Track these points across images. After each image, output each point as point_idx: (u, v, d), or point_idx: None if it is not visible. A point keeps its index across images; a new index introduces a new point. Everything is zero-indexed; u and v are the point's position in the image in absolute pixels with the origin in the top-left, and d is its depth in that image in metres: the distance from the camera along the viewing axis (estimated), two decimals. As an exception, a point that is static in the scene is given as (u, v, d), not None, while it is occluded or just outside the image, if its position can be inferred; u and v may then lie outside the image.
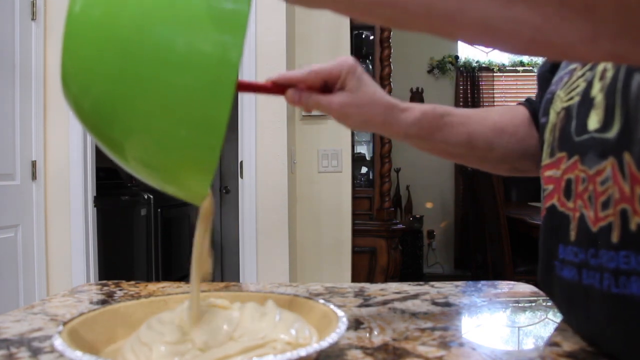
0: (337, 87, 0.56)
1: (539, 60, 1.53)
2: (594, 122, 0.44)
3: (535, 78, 0.67)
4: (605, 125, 0.43)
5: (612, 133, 0.42)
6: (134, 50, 0.32)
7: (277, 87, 0.56)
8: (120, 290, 0.76)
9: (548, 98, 0.54)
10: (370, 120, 0.58)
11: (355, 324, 0.57)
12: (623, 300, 0.40)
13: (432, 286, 0.76)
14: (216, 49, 0.31)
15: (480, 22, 0.26)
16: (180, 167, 0.35)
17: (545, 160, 0.52)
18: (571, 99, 0.49)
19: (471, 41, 0.29)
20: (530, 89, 5.08)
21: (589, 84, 0.46)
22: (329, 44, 2.46)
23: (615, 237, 0.41)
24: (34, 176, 2.20)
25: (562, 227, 0.48)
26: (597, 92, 0.45)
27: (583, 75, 0.48)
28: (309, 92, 0.56)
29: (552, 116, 0.52)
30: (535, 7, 0.24)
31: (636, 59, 0.27)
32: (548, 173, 0.52)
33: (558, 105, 0.51)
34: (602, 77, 0.45)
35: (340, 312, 0.47)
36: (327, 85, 0.56)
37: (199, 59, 0.31)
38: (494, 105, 5.09)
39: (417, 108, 0.61)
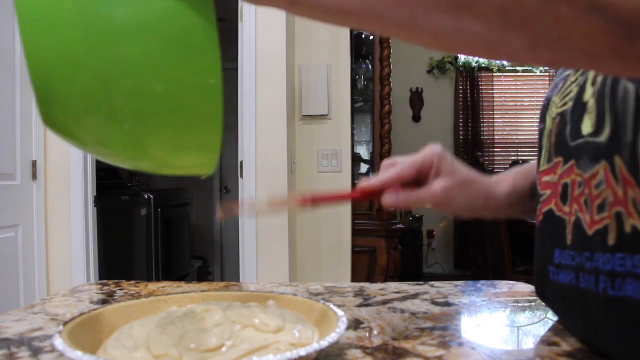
0: (432, 175, 0.55)
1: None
2: (587, 126, 0.45)
3: (534, 78, 0.68)
4: (598, 129, 0.43)
5: (604, 137, 0.42)
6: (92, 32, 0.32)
7: (364, 194, 0.54)
8: (120, 290, 0.76)
9: (545, 104, 0.55)
10: (474, 200, 0.57)
11: (355, 324, 0.57)
12: (619, 302, 0.40)
13: (432, 286, 0.76)
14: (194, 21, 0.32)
15: (433, 32, 0.28)
16: (189, 132, 0.36)
17: (543, 166, 0.53)
18: (565, 104, 0.49)
19: (431, 47, 0.30)
20: (529, 90, 5.08)
21: (582, 89, 0.47)
22: (329, 44, 2.46)
23: (611, 240, 0.41)
24: (34, 176, 2.20)
25: (558, 231, 0.48)
26: (589, 97, 0.45)
27: (576, 80, 0.49)
28: (403, 191, 0.54)
29: (549, 122, 0.52)
30: (481, 19, 0.26)
31: (577, 66, 0.28)
32: (545, 179, 0.52)
33: (553, 111, 0.52)
34: (594, 82, 0.45)
35: (340, 312, 0.47)
36: (420, 177, 0.55)
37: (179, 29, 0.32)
38: (493, 106, 5.09)
39: (503, 175, 0.61)
